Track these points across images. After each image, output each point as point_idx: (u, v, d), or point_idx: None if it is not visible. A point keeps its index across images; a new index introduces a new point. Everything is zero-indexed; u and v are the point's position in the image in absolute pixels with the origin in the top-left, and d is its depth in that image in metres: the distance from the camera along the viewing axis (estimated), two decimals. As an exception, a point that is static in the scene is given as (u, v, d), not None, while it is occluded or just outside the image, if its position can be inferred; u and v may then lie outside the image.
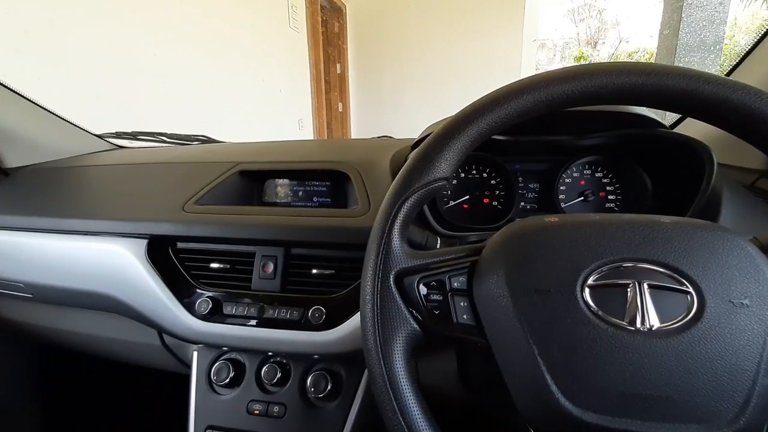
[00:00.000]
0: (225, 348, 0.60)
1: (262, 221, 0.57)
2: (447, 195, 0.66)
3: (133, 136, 0.98)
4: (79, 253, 0.62)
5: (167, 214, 0.60)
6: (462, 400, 0.59)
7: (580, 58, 10.71)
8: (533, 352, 0.29)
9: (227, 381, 0.57)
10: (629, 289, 0.28)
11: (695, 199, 0.50)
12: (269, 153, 0.75)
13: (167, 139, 0.98)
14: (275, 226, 0.56)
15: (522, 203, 0.66)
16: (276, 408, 0.56)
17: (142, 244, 0.58)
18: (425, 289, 0.34)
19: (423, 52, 4.19)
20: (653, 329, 0.27)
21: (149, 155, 0.86)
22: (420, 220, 0.56)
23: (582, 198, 0.63)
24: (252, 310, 0.55)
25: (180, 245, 0.61)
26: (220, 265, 0.59)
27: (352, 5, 4.23)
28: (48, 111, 0.85)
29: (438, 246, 0.44)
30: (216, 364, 0.59)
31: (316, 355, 0.56)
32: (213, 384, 0.59)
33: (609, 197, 0.63)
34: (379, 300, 0.34)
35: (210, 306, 0.55)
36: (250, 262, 0.58)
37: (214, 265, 0.59)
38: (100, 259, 0.60)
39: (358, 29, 4.31)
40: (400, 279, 0.35)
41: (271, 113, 2.90)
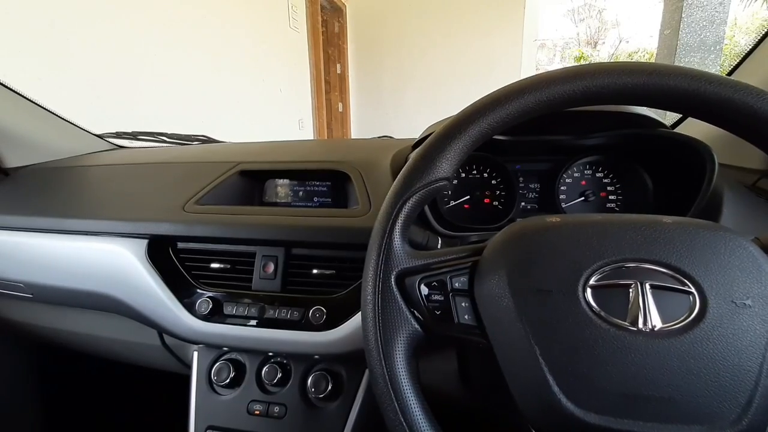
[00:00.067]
0: (225, 348, 0.60)
1: (262, 221, 0.57)
2: (448, 195, 0.66)
3: (134, 136, 0.98)
4: (80, 253, 0.61)
5: (167, 214, 0.60)
6: (462, 400, 0.59)
7: (580, 58, 10.71)
8: (535, 352, 0.28)
9: (228, 381, 0.57)
10: (631, 290, 0.28)
11: (696, 200, 0.49)
12: (270, 153, 0.75)
13: (167, 139, 0.98)
14: (276, 226, 0.56)
15: (523, 203, 0.66)
16: (276, 408, 0.56)
17: (142, 244, 0.58)
18: (426, 290, 0.34)
19: (423, 52, 4.19)
20: (655, 330, 0.27)
21: (149, 155, 0.86)
22: (421, 220, 0.56)
23: (583, 198, 0.63)
24: (252, 310, 0.55)
25: (180, 245, 0.60)
26: (220, 265, 0.59)
27: (352, 5, 4.23)
28: (48, 111, 0.85)
29: (439, 246, 0.44)
30: (216, 364, 0.59)
31: (316, 356, 0.56)
32: (213, 384, 0.59)
33: (610, 197, 0.63)
34: (381, 300, 0.34)
35: (210, 306, 0.55)
36: (250, 262, 0.58)
37: (214, 265, 0.59)
38: (100, 259, 0.60)
39: (358, 29, 4.31)
40: (401, 279, 0.35)
41: (271, 113, 2.90)
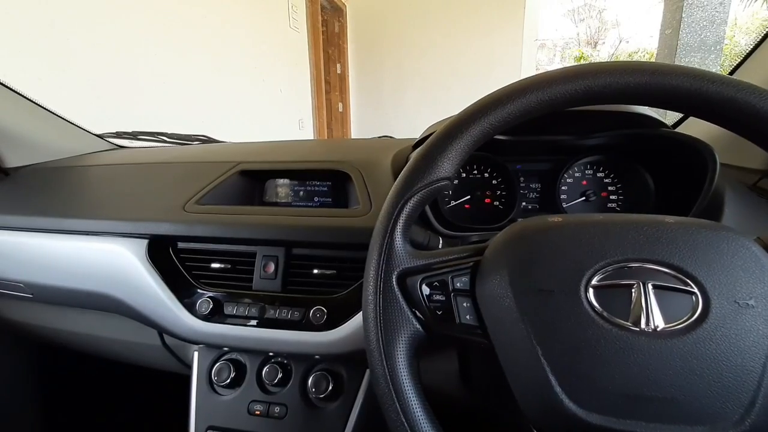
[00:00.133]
0: (226, 348, 0.60)
1: (263, 221, 0.57)
2: (448, 195, 0.66)
3: (134, 135, 0.98)
4: (80, 253, 0.61)
5: (168, 213, 0.60)
6: (463, 400, 0.59)
7: (580, 58, 10.71)
8: (537, 352, 0.28)
9: (228, 381, 0.57)
10: (633, 290, 0.28)
11: (698, 200, 0.49)
12: (270, 153, 0.75)
13: (167, 139, 0.98)
14: (276, 226, 0.56)
15: (523, 203, 0.66)
16: (277, 408, 0.56)
17: (142, 244, 0.58)
18: (428, 290, 0.34)
19: (423, 52, 4.19)
20: (658, 330, 0.27)
21: (150, 155, 0.86)
22: (421, 219, 0.56)
23: (584, 198, 0.63)
24: (253, 310, 0.55)
25: (181, 245, 0.60)
26: (220, 265, 0.59)
27: (352, 5, 4.23)
28: (48, 111, 0.85)
29: (440, 246, 0.44)
30: (217, 364, 0.59)
31: (317, 356, 0.56)
32: (214, 384, 0.59)
33: (611, 197, 0.63)
34: (382, 300, 0.34)
35: (211, 306, 0.55)
36: (251, 262, 0.58)
37: (214, 265, 0.59)
38: (100, 259, 0.60)
39: (358, 29, 4.31)
40: (402, 279, 0.35)
41: (272, 113, 2.90)
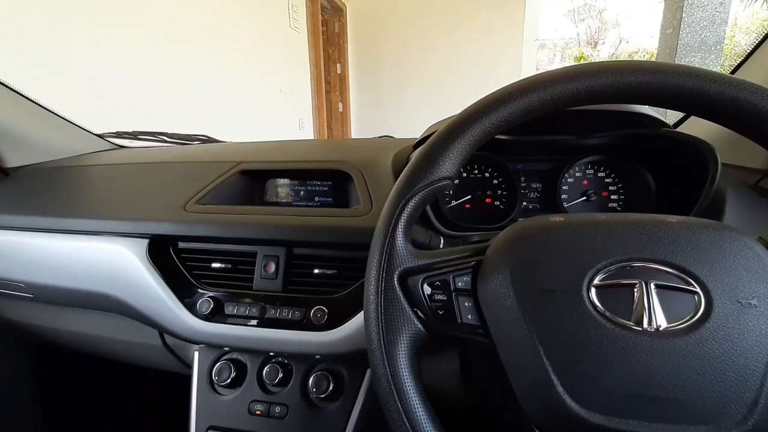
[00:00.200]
0: (226, 348, 0.60)
1: (263, 221, 0.57)
2: (449, 195, 0.65)
3: (134, 135, 0.98)
4: (80, 253, 0.61)
5: (168, 213, 0.60)
6: (463, 400, 0.59)
7: (580, 58, 10.71)
8: (539, 352, 0.28)
9: (228, 381, 0.57)
10: (636, 289, 0.28)
11: (699, 199, 0.49)
12: (270, 152, 0.75)
13: (168, 139, 0.98)
14: (277, 225, 0.56)
15: (524, 203, 0.66)
16: (278, 408, 0.56)
17: (143, 243, 0.58)
18: (429, 289, 0.34)
19: (423, 52, 4.19)
20: (660, 329, 0.27)
21: (150, 155, 0.86)
22: (422, 219, 0.56)
23: (584, 198, 0.63)
24: (254, 310, 0.55)
25: (181, 245, 0.60)
26: (221, 265, 0.59)
27: (352, 5, 4.23)
28: (48, 110, 0.85)
29: (441, 246, 0.44)
30: (217, 364, 0.59)
31: (317, 356, 0.56)
32: (214, 384, 0.59)
33: (612, 197, 0.63)
34: (383, 300, 0.34)
35: (211, 306, 0.55)
36: (251, 261, 0.58)
37: (215, 265, 0.59)
38: (100, 259, 0.60)
39: (358, 29, 4.31)
40: (404, 279, 0.35)
41: (272, 113, 2.90)
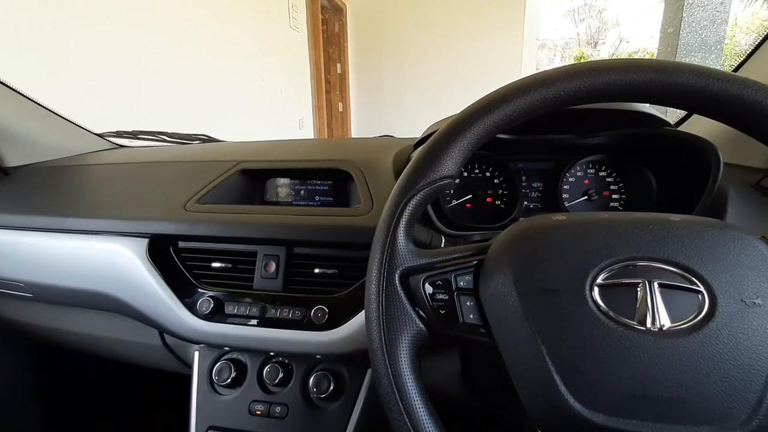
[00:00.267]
0: (226, 348, 0.60)
1: (263, 220, 0.57)
2: (450, 194, 0.65)
3: (134, 135, 0.98)
4: (80, 253, 0.61)
5: (168, 213, 0.60)
6: (465, 400, 0.59)
7: (580, 58, 10.71)
8: (541, 352, 0.28)
9: (229, 381, 0.57)
10: (639, 289, 0.28)
11: (701, 199, 0.49)
12: (271, 152, 0.75)
13: (168, 139, 0.98)
14: (277, 225, 0.56)
15: (525, 202, 0.66)
16: (278, 408, 0.56)
17: (143, 243, 0.58)
18: (431, 289, 0.34)
19: (423, 51, 4.19)
20: (664, 329, 0.27)
21: (150, 154, 0.85)
22: (423, 219, 0.56)
23: (586, 197, 0.63)
24: (254, 309, 0.55)
25: (181, 244, 0.60)
26: (221, 265, 0.58)
27: (352, 5, 4.22)
28: (48, 110, 0.85)
29: (442, 245, 0.43)
30: (217, 364, 0.59)
31: (318, 356, 0.56)
32: (214, 384, 0.59)
33: (613, 196, 0.63)
34: (385, 299, 0.34)
35: (211, 305, 0.55)
36: (252, 261, 0.57)
37: (215, 265, 0.59)
38: (100, 259, 0.60)
39: (358, 29, 4.31)
40: (405, 278, 0.34)
41: (272, 113, 2.90)
